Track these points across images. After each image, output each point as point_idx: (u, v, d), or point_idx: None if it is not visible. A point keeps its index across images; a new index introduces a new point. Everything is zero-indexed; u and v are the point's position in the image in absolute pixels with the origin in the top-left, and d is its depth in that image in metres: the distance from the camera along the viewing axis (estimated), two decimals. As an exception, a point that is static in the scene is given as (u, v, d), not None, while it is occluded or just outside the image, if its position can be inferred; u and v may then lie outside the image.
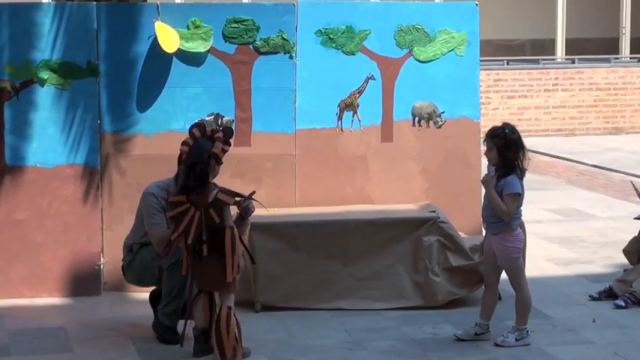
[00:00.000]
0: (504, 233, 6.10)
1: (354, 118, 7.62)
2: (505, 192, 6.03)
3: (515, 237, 6.13)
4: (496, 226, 6.11)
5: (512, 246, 6.11)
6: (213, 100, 7.34)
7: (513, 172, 6.05)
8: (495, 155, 6.06)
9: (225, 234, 5.66)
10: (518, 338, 6.13)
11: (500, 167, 6.07)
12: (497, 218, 6.07)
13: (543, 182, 12.23)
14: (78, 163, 7.10)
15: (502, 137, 6.05)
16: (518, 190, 6.04)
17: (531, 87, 16.39)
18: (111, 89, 7.16)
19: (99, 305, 6.96)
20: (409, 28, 7.65)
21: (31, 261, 7.07)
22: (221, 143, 5.76)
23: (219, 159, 5.76)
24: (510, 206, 6.02)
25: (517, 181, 6.05)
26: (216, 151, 5.74)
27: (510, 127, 6.16)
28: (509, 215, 6.04)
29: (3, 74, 6.96)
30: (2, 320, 6.61)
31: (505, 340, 6.12)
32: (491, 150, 6.07)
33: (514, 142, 6.06)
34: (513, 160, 6.05)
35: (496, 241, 6.13)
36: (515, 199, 6.04)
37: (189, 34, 7.22)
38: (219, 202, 5.68)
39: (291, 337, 6.31)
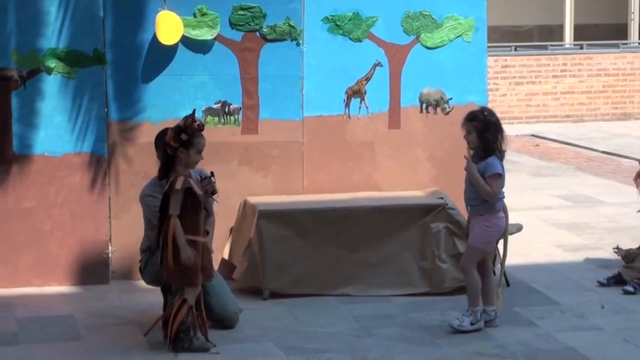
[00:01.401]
0: (488, 214, 6.10)
1: (361, 105, 7.61)
2: (487, 173, 6.04)
3: (498, 219, 6.12)
4: (480, 208, 6.11)
5: (491, 229, 6.12)
6: (220, 87, 7.33)
7: (493, 154, 6.06)
8: (475, 138, 6.07)
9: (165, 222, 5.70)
10: (473, 322, 6.13)
11: (480, 150, 6.07)
12: (480, 200, 6.09)
13: (552, 168, 12.22)
14: (85, 151, 7.10)
15: (481, 120, 6.06)
16: (499, 170, 6.06)
17: (539, 73, 16.34)
18: (118, 77, 7.15)
19: (107, 293, 6.98)
20: (416, 15, 7.62)
21: (39, 250, 7.08)
22: (174, 131, 5.76)
23: (171, 147, 5.75)
24: (494, 187, 6.03)
25: (498, 162, 6.08)
26: (167, 139, 5.77)
27: (488, 110, 6.21)
28: (494, 196, 6.05)
29: (10, 63, 6.95)
30: (11, 309, 6.63)
31: (462, 324, 6.12)
32: (470, 133, 6.08)
33: (493, 125, 6.07)
34: (493, 143, 6.06)
35: (478, 221, 6.12)
36: (498, 179, 6.06)
37: (196, 22, 7.21)
38: (171, 185, 5.71)
39: (298, 324, 6.32)
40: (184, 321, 5.76)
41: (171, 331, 5.76)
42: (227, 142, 7.35)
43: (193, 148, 5.82)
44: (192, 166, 5.87)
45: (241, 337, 6.07)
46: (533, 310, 6.61)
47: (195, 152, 5.83)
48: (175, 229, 5.66)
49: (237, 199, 7.17)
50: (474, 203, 6.14)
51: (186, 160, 5.81)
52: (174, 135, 5.76)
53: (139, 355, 5.77)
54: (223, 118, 7.36)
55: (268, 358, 5.77)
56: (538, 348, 5.92)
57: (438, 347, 5.95)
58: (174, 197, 5.69)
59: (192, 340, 5.79)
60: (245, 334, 6.12)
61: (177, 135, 5.75)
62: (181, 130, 5.76)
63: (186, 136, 5.76)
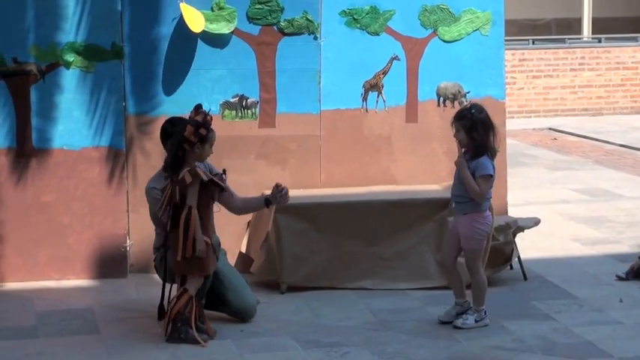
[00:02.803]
0: (474, 214, 6.04)
1: (378, 99, 7.60)
2: (477, 173, 5.96)
3: (485, 218, 6.07)
4: (466, 206, 6.05)
5: (480, 228, 6.06)
6: (237, 81, 7.34)
7: (485, 154, 5.97)
8: (464, 136, 5.98)
9: (181, 213, 5.71)
10: (478, 319, 6.10)
11: (471, 148, 5.99)
12: (467, 198, 6.02)
13: (570, 162, 12.18)
14: (103, 145, 7.13)
15: (469, 118, 5.96)
16: (490, 171, 5.97)
17: (557, 66, 16.27)
18: (135, 71, 7.17)
19: (125, 287, 7.00)
20: (433, 8, 7.61)
21: (58, 243, 7.11)
22: (193, 127, 5.78)
23: (190, 142, 5.78)
24: (483, 187, 5.96)
25: (489, 162, 5.98)
26: (187, 134, 5.78)
27: (477, 107, 6.08)
28: (482, 196, 5.99)
29: (29, 57, 6.98)
30: (30, 302, 6.66)
31: (465, 323, 6.08)
32: (459, 131, 5.99)
33: (481, 122, 5.96)
34: (482, 141, 5.96)
35: (464, 221, 6.06)
36: (488, 181, 5.98)
37: (214, 16, 7.22)
38: (182, 181, 5.73)
39: (316, 318, 6.32)
40: (182, 311, 5.79)
41: (168, 319, 5.81)
42: (244, 136, 7.36)
43: (208, 143, 5.88)
44: (204, 160, 5.93)
45: (259, 331, 6.08)
46: (551, 304, 6.59)
47: (209, 146, 5.89)
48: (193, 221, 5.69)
49: (254, 192, 7.16)
50: (461, 200, 6.06)
51: (200, 154, 5.85)
52: (195, 130, 5.78)
53: (156, 348, 5.80)
54: (241, 112, 7.38)
55: (286, 352, 5.78)
56: (555, 342, 5.91)
57: (455, 341, 5.94)
58: (190, 189, 5.72)
59: (189, 330, 5.81)
60: (263, 328, 6.13)
61: (197, 130, 5.78)
62: (200, 126, 5.79)
63: (205, 131, 5.80)
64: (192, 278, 5.85)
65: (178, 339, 5.81)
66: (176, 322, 5.82)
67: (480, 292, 6.14)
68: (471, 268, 6.17)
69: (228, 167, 7.11)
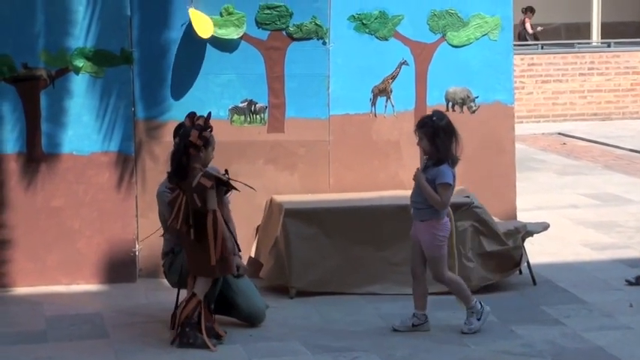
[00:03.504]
0: (432, 221, 6.00)
1: (387, 104, 7.61)
2: (437, 181, 5.93)
3: (443, 225, 6.03)
4: (424, 213, 6.00)
5: (439, 234, 6.01)
6: (246, 86, 7.35)
7: (446, 161, 5.94)
8: (427, 144, 5.95)
9: (207, 218, 5.71)
10: (479, 317, 6.07)
11: (433, 156, 5.96)
12: (426, 205, 5.98)
13: (579, 167, 12.16)
14: (112, 150, 7.14)
15: (430, 125, 5.93)
16: (448, 180, 5.93)
17: (566, 71, 16.26)
18: (144, 76, 7.18)
19: (134, 292, 7.01)
20: (442, 13, 7.62)
21: (67, 248, 7.12)
22: (197, 131, 5.79)
23: (196, 146, 5.79)
24: (444, 196, 5.93)
25: (449, 170, 5.94)
26: (192, 139, 5.78)
27: (439, 114, 6.06)
28: (443, 205, 5.96)
29: (39, 62, 7.00)
30: (40, 307, 6.68)
31: (471, 327, 6.05)
32: (422, 139, 5.96)
33: (442, 129, 5.92)
34: (445, 148, 5.92)
35: (423, 228, 6.02)
36: (447, 189, 5.94)
37: (223, 21, 7.23)
38: (201, 185, 5.74)
39: (325, 323, 6.32)
40: (191, 316, 5.80)
41: (177, 323, 5.81)
42: (253, 141, 7.37)
43: (210, 146, 5.89)
44: (207, 164, 5.93)
45: (268, 336, 6.08)
46: (560, 308, 6.58)
47: (212, 150, 5.90)
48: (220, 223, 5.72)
49: (263, 197, 7.19)
50: (420, 207, 6.02)
51: (205, 158, 5.86)
52: (199, 134, 5.79)
53: (165, 353, 5.80)
54: (249, 117, 7.39)
55: (295, 357, 5.78)
56: (565, 347, 5.89)
57: (464, 346, 5.93)
58: (209, 193, 5.74)
59: (197, 335, 5.81)
60: (272, 333, 6.13)
61: (201, 133, 5.79)
62: (204, 129, 5.81)
63: (208, 134, 5.82)
64: (200, 282, 5.85)
65: (187, 344, 5.82)
66: (185, 327, 5.83)
67: (460, 293, 6.10)
68: (436, 276, 6.10)
69: (237, 172, 7.13)
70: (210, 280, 5.88)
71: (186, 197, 5.79)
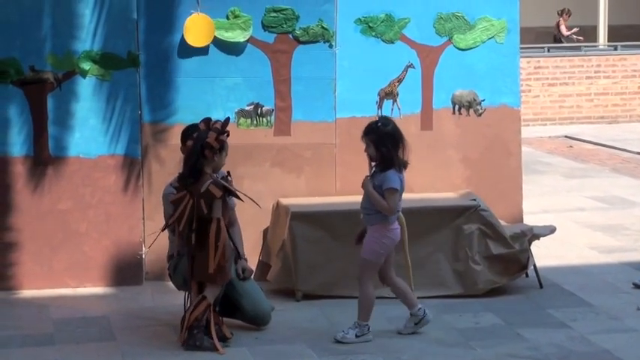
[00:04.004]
0: (379, 225, 5.97)
1: (393, 107, 7.61)
2: (384, 187, 5.91)
3: (391, 231, 5.99)
4: (373, 218, 5.97)
5: (384, 242, 5.97)
6: (252, 89, 7.36)
7: (392, 167, 5.92)
8: (373, 150, 5.93)
9: (211, 225, 5.72)
10: (359, 335, 5.99)
11: (380, 162, 5.95)
12: (373, 210, 5.95)
13: (586, 170, 12.15)
14: (119, 153, 7.15)
15: (375, 132, 5.91)
16: (395, 185, 5.90)
17: (573, 74, 16.26)
18: (151, 79, 7.19)
19: (141, 295, 7.02)
20: (449, 16, 7.62)
21: (74, 251, 7.13)
22: (215, 133, 5.80)
23: (213, 148, 5.80)
24: (390, 201, 5.90)
25: (396, 176, 5.92)
26: (210, 140, 5.79)
27: (384, 120, 6.05)
28: (390, 210, 5.92)
29: (46, 65, 7.02)
30: (47, 310, 6.69)
31: (345, 337, 5.98)
32: (368, 146, 5.95)
33: (388, 136, 5.90)
34: (390, 154, 5.90)
35: (371, 232, 5.99)
36: (394, 194, 5.91)
37: (229, 24, 7.24)
38: (209, 194, 5.73)
39: (331, 326, 6.32)
40: (200, 319, 5.80)
41: (185, 327, 5.81)
42: (260, 144, 7.38)
43: (224, 151, 5.90)
44: (219, 169, 5.93)
45: (274, 339, 6.09)
46: (567, 312, 6.57)
47: (225, 155, 5.91)
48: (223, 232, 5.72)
49: (270, 200, 7.19)
50: (368, 212, 5.99)
51: (217, 162, 5.87)
52: (217, 136, 5.79)
53: (173, 356, 5.81)
54: (256, 120, 7.39)
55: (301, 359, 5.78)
56: (572, 350, 5.89)
57: (471, 349, 5.93)
58: (216, 201, 5.74)
59: (204, 338, 5.82)
60: (278, 336, 6.13)
61: (219, 136, 5.80)
62: (221, 132, 5.82)
63: (225, 138, 5.83)
64: (211, 286, 5.85)
65: (194, 346, 5.82)
66: (192, 330, 5.83)
67: (365, 306, 6.02)
68: (360, 279, 6.05)
69: (244, 175, 7.16)
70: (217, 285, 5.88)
71: (192, 201, 5.79)
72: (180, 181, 5.92)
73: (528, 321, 6.40)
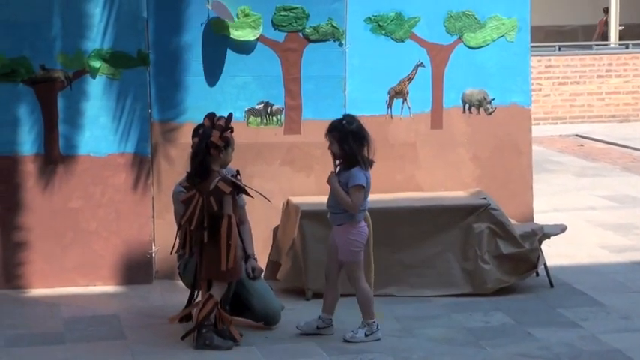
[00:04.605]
0: (348, 225, 5.95)
1: (403, 106, 7.60)
2: (350, 184, 5.89)
3: (359, 230, 5.99)
4: (340, 217, 5.96)
5: (354, 239, 5.96)
6: (262, 88, 7.36)
7: (357, 165, 5.91)
8: (337, 148, 5.92)
9: (222, 222, 5.71)
10: (368, 333, 5.99)
11: (344, 160, 5.93)
12: (341, 209, 5.94)
13: (597, 169, 12.11)
14: (129, 152, 7.16)
15: (339, 129, 5.90)
16: (361, 182, 5.89)
17: (584, 73, 16.21)
18: (161, 78, 7.20)
19: (151, 293, 7.03)
20: (459, 15, 7.60)
21: (84, 249, 7.15)
22: (219, 132, 5.80)
23: (217, 147, 5.80)
24: (355, 198, 5.88)
25: (361, 173, 5.91)
26: (214, 139, 5.79)
27: (349, 118, 6.03)
28: (355, 208, 5.90)
29: (56, 64, 7.03)
30: (57, 308, 6.70)
31: (354, 336, 5.97)
32: (332, 144, 5.93)
33: (352, 134, 5.89)
34: (354, 152, 5.89)
35: (339, 232, 5.97)
36: (360, 191, 5.89)
37: (239, 23, 7.24)
38: (219, 190, 5.73)
39: (341, 324, 6.30)
40: (208, 317, 5.80)
41: (195, 326, 5.82)
42: (269, 143, 7.38)
43: (230, 147, 5.90)
44: (226, 165, 5.94)
45: (284, 337, 6.09)
46: (578, 311, 6.56)
47: (231, 151, 5.91)
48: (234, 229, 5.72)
49: (279, 199, 7.19)
50: (336, 212, 5.98)
51: (224, 159, 5.87)
52: (220, 135, 5.80)
53: (182, 354, 5.81)
54: (266, 119, 7.39)
55: (311, 358, 5.78)
56: (582, 349, 5.87)
57: (481, 348, 5.92)
58: (226, 198, 5.75)
59: (214, 336, 5.82)
60: (288, 334, 6.13)
61: (222, 134, 5.81)
62: (225, 130, 5.82)
63: (229, 135, 5.83)
64: (217, 284, 5.86)
65: (203, 345, 5.83)
66: (201, 329, 5.83)
67: (366, 305, 6.03)
68: (351, 281, 6.05)
69: (254, 174, 7.16)
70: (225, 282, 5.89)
71: (202, 199, 5.79)
72: (188, 181, 5.93)
73: (539, 320, 6.39)
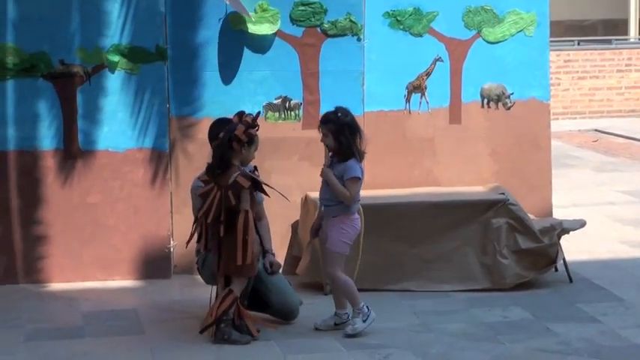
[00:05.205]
0: (342, 216, 5.96)
1: (422, 100, 7.58)
2: (346, 176, 5.90)
3: (353, 222, 5.99)
4: (335, 209, 5.96)
5: (347, 231, 5.97)
6: (280, 83, 7.36)
7: (352, 157, 5.92)
8: (331, 141, 5.93)
9: (239, 217, 5.71)
10: (364, 319, 5.98)
11: (338, 152, 5.94)
12: (335, 201, 5.94)
13: (616, 164, 12.06)
14: (147, 147, 7.17)
15: (334, 122, 5.92)
16: (357, 174, 5.91)
17: (603, 67, 16.12)
18: (179, 73, 7.21)
19: (169, 288, 7.04)
20: (477, 9, 7.58)
21: (103, 244, 7.17)
22: (244, 126, 5.80)
23: (240, 141, 5.81)
24: (352, 190, 5.90)
25: (356, 165, 5.93)
26: (238, 133, 5.80)
27: (343, 110, 6.02)
28: (351, 199, 5.92)
29: (75, 59, 7.05)
30: (76, 303, 6.73)
31: (355, 328, 5.96)
32: (326, 136, 5.94)
33: (347, 125, 5.91)
34: (349, 144, 5.90)
35: (332, 223, 5.98)
36: (356, 183, 5.92)
37: (257, 18, 7.24)
38: (237, 184, 5.73)
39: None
40: (227, 312, 5.81)
41: (213, 320, 5.82)
42: (288, 138, 7.38)
43: (254, 145, 5.91)
44: (247, 163, 5.94)
45: (302, 332, 6.09)
46: (597, 306, 6.53)
47: (254, 149, 5.92)
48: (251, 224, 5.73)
49: (298, 194, 7.19)
50: (329, 204, 5.98)
51: (245, 156, 5.88)
52: (245, 129, 5.81)
53: (200, 349, 5.82)
54: (284, 114, 7.39)
55: (329, 354, 5.77)
56: (602, 345, 5.85)
57: (500, 344, 5.90)
58: (244, 193, 5.75)
59: (232, 332, 5.83)
60: (306, 329, 6.13)
61: (247, 129, 5.81)
62: (251, 126, 5.83)
63: (254, 132, 5.84)
64: (237, 279, 5.87)
65: (222, 340, 5.84)
66: (220, 324, 5.84)
67: (349, 294, 6.02)
68: (328, 272, 6.04)
69: (272, 169, 7.17)
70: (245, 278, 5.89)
71: (220, 193, 5.80)
72: (208, 173, 5.93)
73: (558, 315, 6.37)
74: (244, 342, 5.85)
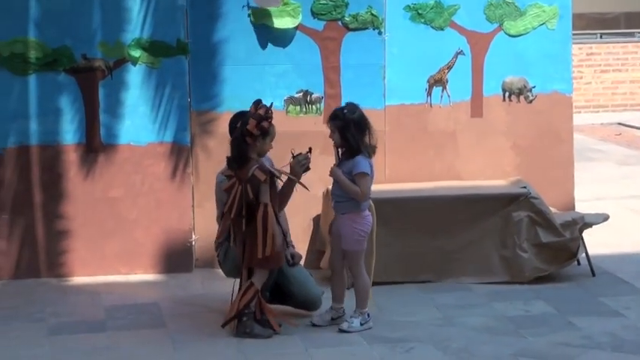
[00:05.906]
0: (352, 214, 5.93)
1: (443, 94, 7.56)
2: (354, 172, 5.87)
3: (364, 218, 5.96)
4: (345, 206, 5.93)
5: (359, 228, 5.94)
6: (302, 76, 7.35)
7: (360, 153, 5.88)
8: (339, 137, 5.90)
9: (258, 210, 5.71)
10: (362, 322, 5.96)
11: (346, 148, 5.91)
12: (345, 197, 5.91)
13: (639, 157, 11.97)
14: (168, 140, 7.19)
15: (341, 118, 5.89)
16: (365, 169, 5.87)
17: (626, 60, 16.01)
18: (200, 67, 7.22)
19: (190, 282, 7.06)
20: (499, 3, 7.55)
21: (125, 238, 7.19)
22: (255, 120, 5.79)
23: (252, 135, 5.80)
24: (362, 186, 5.87)
25: (365, 160, 5.89)
26: (249, 128, 5.79)
27: (351, 107, 5.99)
28: (363, 195, 5.89)
29: (97, 53, 7.07)
30: (98, 296, 6.76)
31: (351, 326, 5.94)
32: (334, 132, 5.92)
33: (354, 122, 5.87)
34: (357, 140, 5.87)
35: (344, 221, 5.95)
36: (365, 178, 5.87)
37: (278, 11, 7.24)
38: (255, 178, 5.73)
39: (380, 313, 6.31)
40: (249, 305, 5.81)
41: (235, 314, 5.83)
42: (309, 131, 7.37)
43: (269, 137, 5.90)
44: (264, 154, 5.94)
45: (325, 326, 6.08)
46: (620, 300, 6.50)
47: (269, 140, 5.91)
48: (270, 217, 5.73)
49: (319, 187, 7.18)
50: (340, 200, 5.96)
51: (261, 147, 5.87)
52: (257, 123, 5.81)
53: (222, 343, 5.83)
54: (305, 107, 7.39)
55: (351, 347, 5.77)
56: (625, 339, 5.82)
57: (522, 337, 5.88)
58: (263, 186, 5.76)
59: (254, 325, 5.84)
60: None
61: (260, 123, 5.81)
62: (262, 119, 5.82)
63: (268, 125, 5.83)
64: (258, 272, 5.87)
65: (244, 333, 5.84)
66: (242, 317, 5.85)
67: (363, 295, 6.01)
68: (352, 270, 6.03)
69: (293, 162, 7.15)
70: (267, 270, 5.90)
71: (241, 187, 5.81)
72: (228, 166, 5.94)
73: (580, 309, 6.34)
74: (266, 336, 5.85)
